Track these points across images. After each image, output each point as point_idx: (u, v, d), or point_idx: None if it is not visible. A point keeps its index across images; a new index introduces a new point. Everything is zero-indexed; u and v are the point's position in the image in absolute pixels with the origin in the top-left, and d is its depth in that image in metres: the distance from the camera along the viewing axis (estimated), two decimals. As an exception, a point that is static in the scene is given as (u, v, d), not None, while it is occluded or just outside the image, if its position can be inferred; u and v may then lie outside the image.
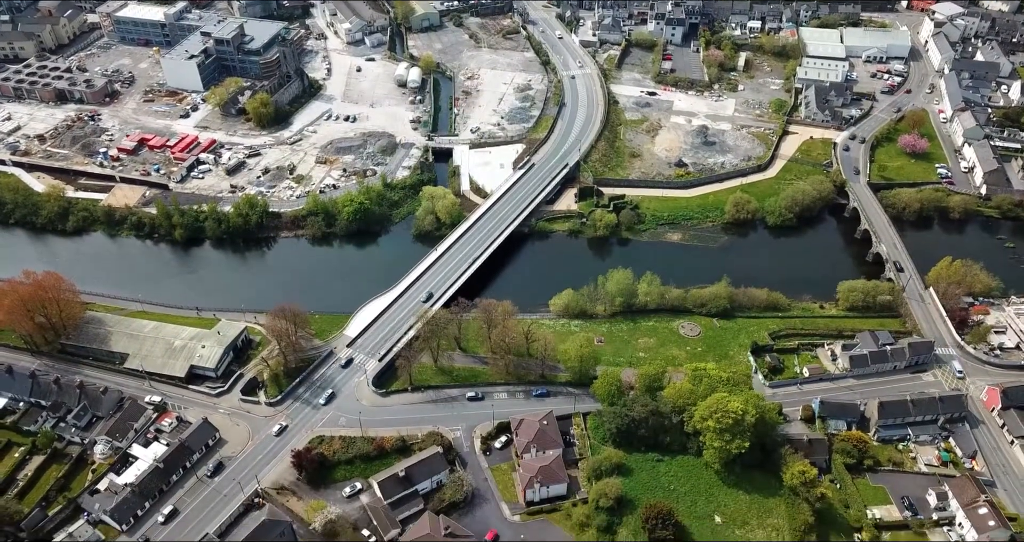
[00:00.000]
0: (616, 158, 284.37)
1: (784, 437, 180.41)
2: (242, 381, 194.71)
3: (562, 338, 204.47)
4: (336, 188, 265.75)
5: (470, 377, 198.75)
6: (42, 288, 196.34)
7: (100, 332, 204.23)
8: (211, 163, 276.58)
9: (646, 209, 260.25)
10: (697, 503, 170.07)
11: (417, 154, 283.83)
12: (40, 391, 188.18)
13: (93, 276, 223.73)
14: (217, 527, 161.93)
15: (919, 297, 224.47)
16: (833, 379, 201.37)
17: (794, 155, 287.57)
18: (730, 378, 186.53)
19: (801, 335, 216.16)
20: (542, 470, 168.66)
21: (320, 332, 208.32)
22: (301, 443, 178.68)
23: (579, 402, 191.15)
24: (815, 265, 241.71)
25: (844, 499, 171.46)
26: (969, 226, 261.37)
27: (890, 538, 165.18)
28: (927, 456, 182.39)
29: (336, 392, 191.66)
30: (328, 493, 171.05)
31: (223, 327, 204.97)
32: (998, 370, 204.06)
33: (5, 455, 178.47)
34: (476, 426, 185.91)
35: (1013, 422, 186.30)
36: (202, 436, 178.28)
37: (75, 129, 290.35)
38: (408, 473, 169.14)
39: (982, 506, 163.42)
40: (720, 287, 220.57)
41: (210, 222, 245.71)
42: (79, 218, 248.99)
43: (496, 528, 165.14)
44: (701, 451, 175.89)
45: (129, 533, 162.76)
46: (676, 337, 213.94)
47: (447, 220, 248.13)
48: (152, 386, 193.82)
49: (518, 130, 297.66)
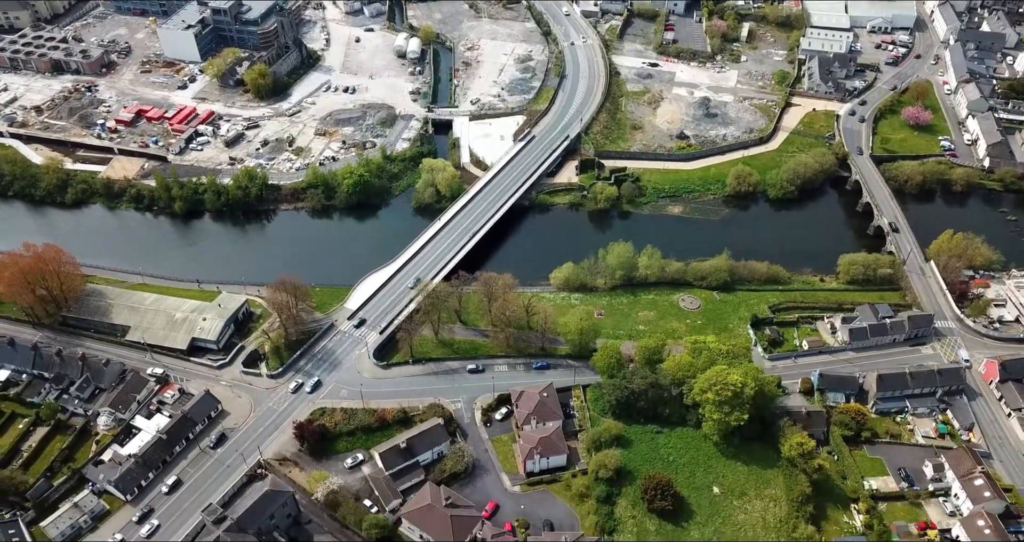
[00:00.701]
0: (617, 130, 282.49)
1: (783, 409, 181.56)
2: (243, 353, 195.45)
3: (562, 311, 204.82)
4: (335, 160, 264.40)
5: (471, 350, 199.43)
6: (42, 260, 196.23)
7: (101, 305, 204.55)
8: (210, 135, 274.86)
9: (647, 182, 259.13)
10: (696, 474, 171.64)
11: (417, 126, 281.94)
12: (43, 363, 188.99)
13: (93, 249, 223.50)
14: (220, 497, 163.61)
15: (919, 270, 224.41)
16: (832, 352, 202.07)
17: (796, 127, 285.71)
18: (730, 351, 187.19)
19: (801, 308, 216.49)
20: (542, 441, 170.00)
21: (321, 305, 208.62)
22: (303, 415, 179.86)
23: (579, 374, 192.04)
24: (816, 238, 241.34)
25: (841, 470, 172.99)
26: (971, 199, 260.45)
27: (886, 509, 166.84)
28: (925, 428, 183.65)
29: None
30: (330, 464, 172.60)
31: (224, 300, 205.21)
32: (997, 343, 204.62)
33: (9, 426, 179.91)
34: (477, 398, 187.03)
35: (1011, 395, 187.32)
36: (204, 408, 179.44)
37: (72, 100, 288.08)
38: (409, 444, 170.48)
39: (978, 477, 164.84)
40: (720, 260, 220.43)
41: (209, 194, 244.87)
42: (78, 190, 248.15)
43: (496, 498, 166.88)
44: (700, 423, 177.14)
45: (133, 503, 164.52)
46: (676, 310, 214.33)
47: (447, 193, 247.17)
48: (154, 358, 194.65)
49: (519, 101, 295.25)
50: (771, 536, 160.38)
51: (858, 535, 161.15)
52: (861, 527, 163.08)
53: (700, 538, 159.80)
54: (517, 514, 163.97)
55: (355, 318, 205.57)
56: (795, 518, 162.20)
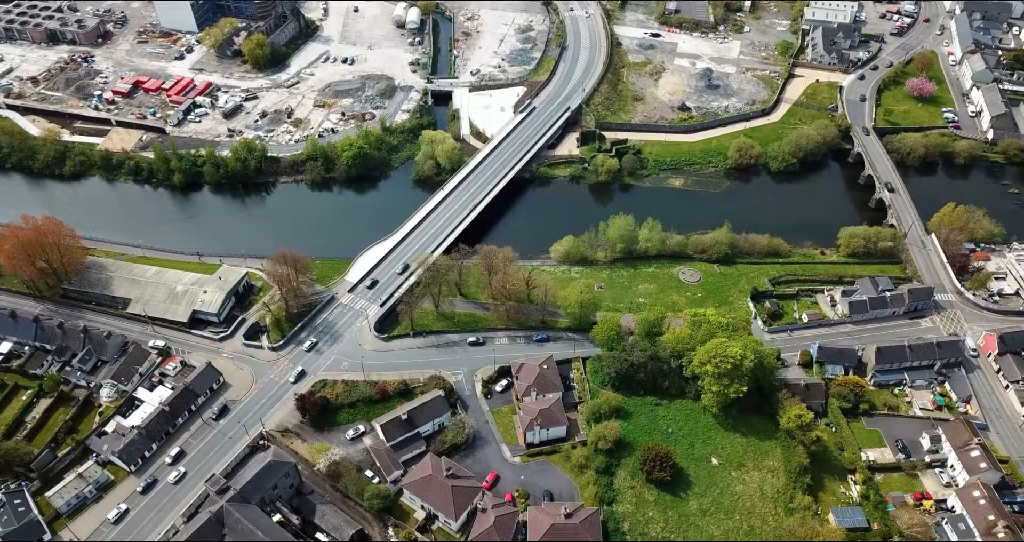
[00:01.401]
0: (619, 102, 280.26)
1: (782, 382, 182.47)
2: (244, 326, 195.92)
3: (563, 284, 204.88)
4: (335, 132, 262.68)
5: (471, 323, 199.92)
6: (42, 233, 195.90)
7: (102, 277, 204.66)
8: (208, 106, 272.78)
9: (648, 154, 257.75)
10: (694, 446, 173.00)
11: (416, 97, 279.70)
12: (44, 335, 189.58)
13: (92, 221, 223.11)
14: (224, 468, 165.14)
15: (920, 243, 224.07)
16: (832, 324, 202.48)
17: (799, 99, 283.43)
18: (729, 324, 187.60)
19: (801, 281, 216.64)
20: (542, 413, 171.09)
21: (321, 278, 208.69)
22: (304, 387, 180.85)
23: (579, 347, 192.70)
24: (817, 211, 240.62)
25: (839, 442, 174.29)
26: (974, 171, 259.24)
27: (883, 480, 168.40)
28: (922, 400, 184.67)
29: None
30: (331, 435, 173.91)
31: (224, 272, 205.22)
32: (996, 316, 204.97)
33: (12, 398, 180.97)
34: (477, 370, 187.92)
35: (1009, 367, 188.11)
36: (206, 380, 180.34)
37: (68, 71, 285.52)
38: (410, 416, 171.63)
39: (974, 449, 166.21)
40: (721, 233, 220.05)
41: (208, 167, 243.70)
42: (76, 162, 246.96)
43: (497, 469, 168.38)
44: (699, 395, 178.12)
45: (137, 473, 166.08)
46: (676, 283, 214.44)
47: (447, 165, 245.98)
48: (155, 331, 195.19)
49: (519, 72, 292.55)
50: (768, 507, 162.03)
51: (854, 506, 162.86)
52: (858, 498, 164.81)
53: (698, 508, 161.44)
54: (517, 484, 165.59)
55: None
56: (792, 489, 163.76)
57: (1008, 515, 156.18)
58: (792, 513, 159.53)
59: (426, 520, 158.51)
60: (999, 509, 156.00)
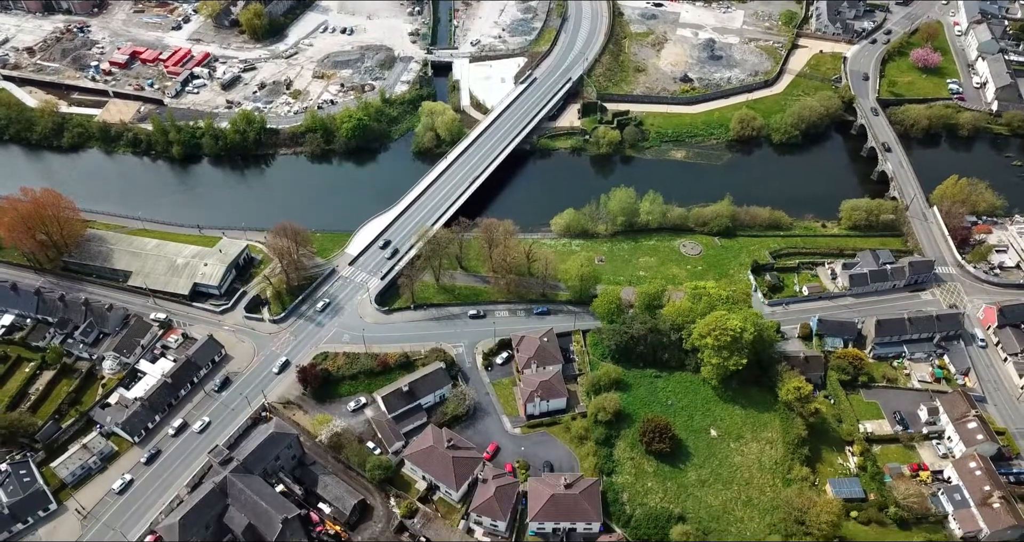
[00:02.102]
0: (620, 73, 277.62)
1: (781, 354, 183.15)
2: (245, 299, 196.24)
3: (563, 257, 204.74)
4: (334, 104, 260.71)
5: (471, 296, 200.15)
6: (41, 205, 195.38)
7: (102, 250, 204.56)
8: (206, 77, 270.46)
9: (650, 126, 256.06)
10: (694, 417, 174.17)
11: (416, 68, 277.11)
12: (46, 308, 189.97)
13: (92, 194, 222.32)
14: (226, 439, 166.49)
15: (922, 216, 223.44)
16: (832, 297, 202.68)
17: (803, 70, 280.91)
18: (729, 296, 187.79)
19: (802, 254, 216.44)
20: (542, 385, 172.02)
21: (321, 250, 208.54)
22: (306, 359, 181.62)
23: (579, 320, 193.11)
24: (819, 183, 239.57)
25: (837, 414, 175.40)
26: (977, 144, 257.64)
27: (880, 451, 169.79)
28: (921, 373, 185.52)
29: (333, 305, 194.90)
30: (333, 407, 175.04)
31: (224, 245, 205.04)
32: (996, 289, 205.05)
33: (16, 370, 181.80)
34: (478, 343, 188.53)
35: (1008, 340, 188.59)
36: (208, 352, 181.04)
37: (64, 41, 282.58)
38: (411, 388, 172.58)
39: (972, 420, 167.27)
40: (722, 206, 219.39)
41: (207, 139, 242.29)
42: (74, 134, 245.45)
43: (497, 440, 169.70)
44: (699, 368, 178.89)
45: (141, 444, 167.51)
46: (677, 256, 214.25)
47: (447, 137, 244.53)
48: (156, 303, 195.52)
49: (520, 43, 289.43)
50: (766, 477, 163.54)
51: (851, 477, 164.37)
52: (855, 469, 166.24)
53: (697, 479, 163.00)
54: (517, 455, 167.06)
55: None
56: (790, 460, 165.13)
57: (1003, 486, 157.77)
58: (790, 484, 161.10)
59: (427, 490, 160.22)
60: (995, 480, 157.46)
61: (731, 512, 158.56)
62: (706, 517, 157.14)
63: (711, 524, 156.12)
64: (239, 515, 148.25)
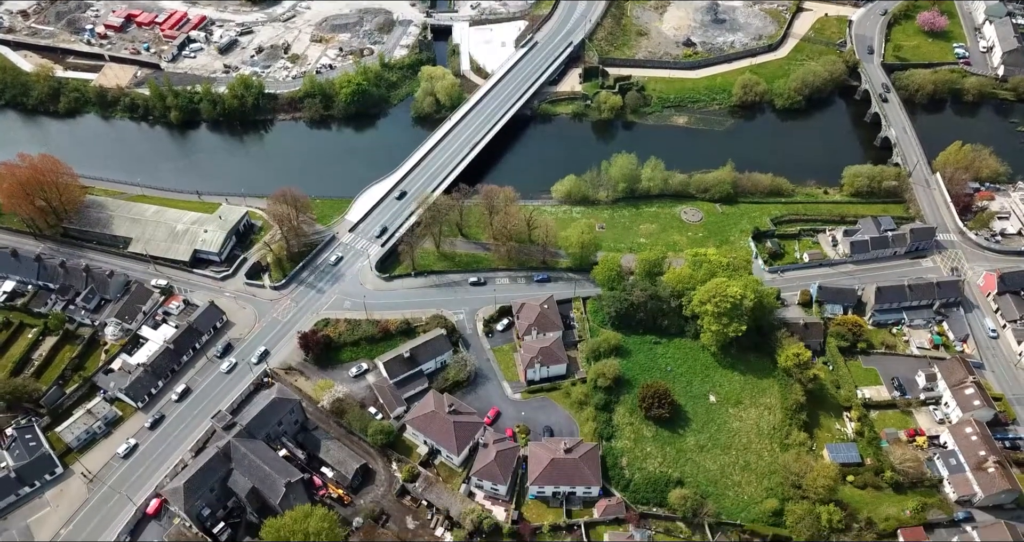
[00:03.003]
0: (622, 37, 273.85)
1: (781, 321, 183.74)
2: (246, 265, 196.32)
3: (564, 224, 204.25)
4: (332, 68, 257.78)
5: (472, 263, 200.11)
6: (39, 171, 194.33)
7: (102, 216, 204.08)
8: (202, 41, 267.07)
9: (652, 91, 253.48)
10: (693, 383, 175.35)
11: (415, 32, 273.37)
12: (47, 274, 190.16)
13: (90, 159, 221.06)
14: (229, 405, 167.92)
15: (925, 182, 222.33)
16: (832, 264, 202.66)
17: (807, 34, 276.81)
18: (730, 263, 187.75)
19: (803, 221, 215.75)
20: (542, 351, 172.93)
21: (321, 217, 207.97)
22: (307, 326, 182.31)
23: (579, 287, 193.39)
24: (822, 149, 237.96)
25: (836, 380, 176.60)
26: (982, 109, 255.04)
27: (877, 417, 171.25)
28: (920, 339, 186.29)
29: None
30: (335, 373, 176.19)
31: (224, 211, 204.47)
32: (997, 256, 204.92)
33: (18, 336, 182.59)
34: (478, 310, 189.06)
35: (1007, 306, 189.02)
36: (210, 318, 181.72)
37: (59, 4, 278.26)
38: (412, 354, 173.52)
39: (969, 386, 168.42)
40: (724, 172, 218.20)
41: (205, 104, 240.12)
42: (71, 99, 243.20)
43: (498, 406, 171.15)
44: (698, 334, 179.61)
45: (145, 410, 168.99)
46: (678, 223, 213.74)
47: (447, 102, 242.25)
48: (157, 270, 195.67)
49: (520, 6, 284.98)
50: (764, 443, 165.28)
51: (848, 442, 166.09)
52: (852, 434, 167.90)
53: (696, 444, 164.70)
54: (518, 420, 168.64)
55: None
56: (788, 425, 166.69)
57: (999, 451, 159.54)
58: (787, 449, 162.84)
59: (429, 455, 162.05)
60: (990, 445, 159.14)
61: (729, 476, 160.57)
62: (704, 481, 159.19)
63: (709, 488, 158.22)
64: (243, 479, 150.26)
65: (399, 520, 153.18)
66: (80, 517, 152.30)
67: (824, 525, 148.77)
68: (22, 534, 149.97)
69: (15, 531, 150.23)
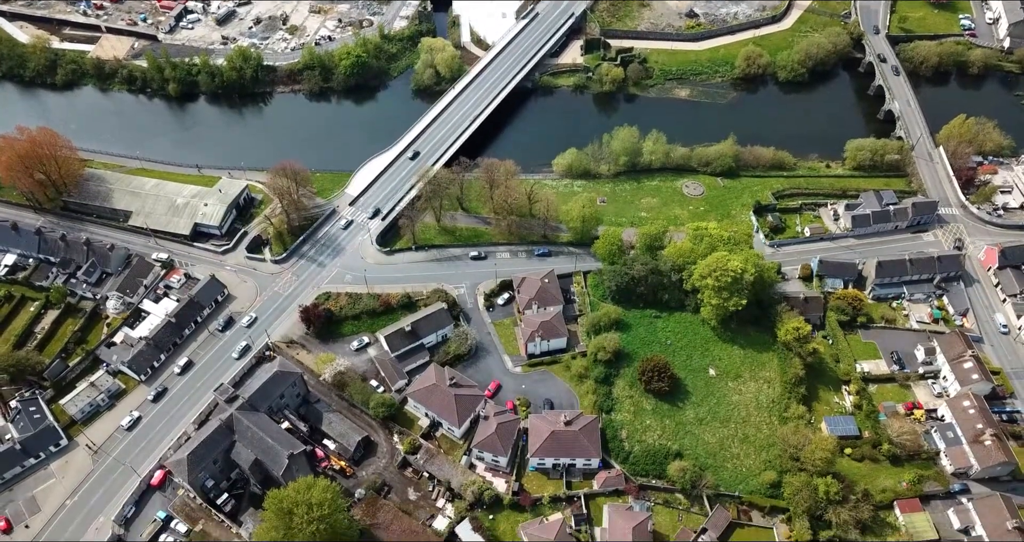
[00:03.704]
0: (624, 8, 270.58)
1: (781, 295, 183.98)
2: (247, 239, 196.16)
3: (565, 198, 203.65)
4: (332, 40, 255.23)
5: (473, 237, 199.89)
6: (38, 144, 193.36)
7: (101, 189, 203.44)
8: (200, 12, 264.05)
9: (654, 63, 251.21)
10: (692, 357, 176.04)
11: (415, 3, 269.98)
12: (48, 248, 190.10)
13: (88, 132, 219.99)
14: (232, 377, 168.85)
15: (927, 156, 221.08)
16: (834, 238, 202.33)
17: (811, 5, 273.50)
18: (731, 237, 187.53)
19: (805, 194, 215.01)
20: (543, 325, 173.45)
21: (322, 191, 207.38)
22: (308, 299, 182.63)
23: (580, 261, 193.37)
24: (825, 122, 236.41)
25: (835, 354, 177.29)
26: (987, 82, 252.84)
27: (876, 390, 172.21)
28: (920, 314, 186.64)
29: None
30: (336, 347, 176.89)
31: (224, 185, 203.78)
32: (999, 230, 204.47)
33: (20, 310, 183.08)
34: (479, 284, 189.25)
35: (1007, 281, 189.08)
36: (211, 292, 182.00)
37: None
38: (414, 327, 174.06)
39: (968, 360, 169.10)
40: (726, 145, 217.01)
41: (203, 76, 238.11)
42: (68, 71, 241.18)
43: (499, 379, 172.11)
44: (699, 308, 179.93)
45: (147, 383, 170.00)
46: (679, 196, 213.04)
47: (447, 74, 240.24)
48: (158, 243, 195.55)
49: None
50: (763, 416, 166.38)
51: (847, 415, 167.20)
52: (851, 408, 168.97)
53: (695, 417, 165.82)
54: (518, 393, 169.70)
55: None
56: (787, 399, 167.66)
57: (996, 424, 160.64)
58: (786, 422, 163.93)
59: (430, 427, 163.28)
60: (987, 418, 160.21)
61: (727, 449, 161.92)
62: (703, 454, 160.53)
63: (708, 460, 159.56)
64: (246, 451, 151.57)
65: (401, 491, 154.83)
66: (85, 488, 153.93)
67: (821, 497, 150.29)
68: (28, 505, 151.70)
69: (21, 502, 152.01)
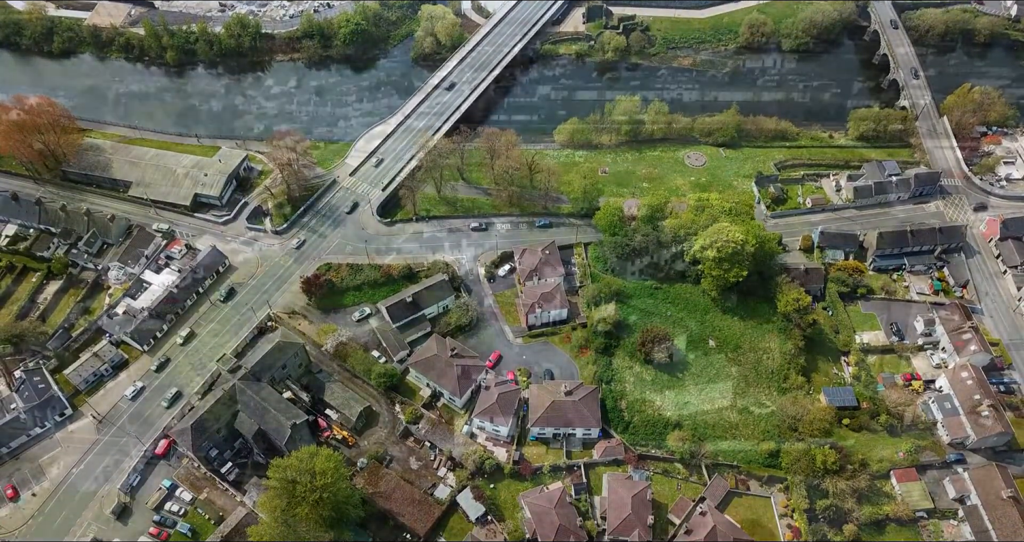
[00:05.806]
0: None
1: (782, 266, 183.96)
2: (247, 210, 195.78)
3: (566, 169, 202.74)
4: (331, 7, 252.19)
5: (473, 207, 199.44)
6: (37, 113, 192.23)
7: (101, 159, 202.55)
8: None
9: (657, 31, 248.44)
10: (692, 328, 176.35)
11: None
12: (48, 218, 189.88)
13: (86, 102, 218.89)
14: (234, 348, 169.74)
15: (932, 126, 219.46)
16: (836, 209, 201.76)
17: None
18: (732, 208, 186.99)
19: (807, 165, 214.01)
20: (544, 296, 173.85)
21: (322, 161, 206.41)
22: (309, 270, 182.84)
23: (581, 233, 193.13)
24: (828, 92, 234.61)
25: (835, 325, 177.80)
26: (993, 50, 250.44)
27: (875, 361, 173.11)
28: (920, 285, 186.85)
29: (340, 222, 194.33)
30: (338, 317, 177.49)
31: (224, 155, 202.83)
32: (1001, 201, 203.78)
33: (23, 280, 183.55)
34: (480, 255, 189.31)
35: (1008, 252, 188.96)
36: (212, 263, 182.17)
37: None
38: (415, 298, 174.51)
39: (967, 332, 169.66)
40: (728, 115, 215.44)
41: (201, 44, 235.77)
42: (64, 39, 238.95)
43: (500, 349, 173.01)
44: (699, 279, 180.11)
45: (150, 353, 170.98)
46: (681, 167, 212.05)
47: (447, 42, 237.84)
48: (158, 214, 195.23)
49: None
50: (762, 386, 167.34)
51: (845, 386, 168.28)
52: (849, 378, 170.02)
53: (695, 387, 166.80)
54: (519, 364, 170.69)
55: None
56: (787, 370, 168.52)
57: (993, 395, 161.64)
58: (785, 392, 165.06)
59: (431, 397, 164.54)
60: (985, 389, 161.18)
61: (726, 419, 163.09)
62: (702, 424, 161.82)
63: (707, 431, 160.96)
64: (249, 421, 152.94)
65: (402, 461, 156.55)
66: (91, 457, 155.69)
67: (819, 466, 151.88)
68: (34, 473, 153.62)
69: (27, 471, 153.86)
